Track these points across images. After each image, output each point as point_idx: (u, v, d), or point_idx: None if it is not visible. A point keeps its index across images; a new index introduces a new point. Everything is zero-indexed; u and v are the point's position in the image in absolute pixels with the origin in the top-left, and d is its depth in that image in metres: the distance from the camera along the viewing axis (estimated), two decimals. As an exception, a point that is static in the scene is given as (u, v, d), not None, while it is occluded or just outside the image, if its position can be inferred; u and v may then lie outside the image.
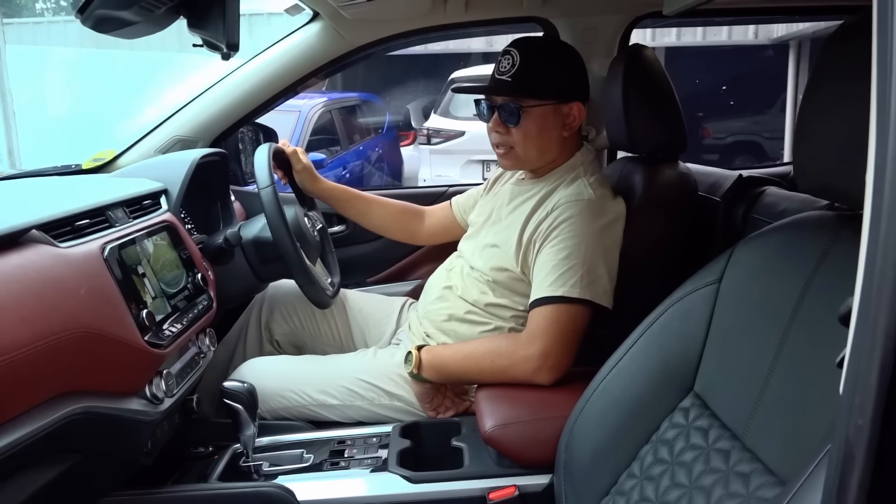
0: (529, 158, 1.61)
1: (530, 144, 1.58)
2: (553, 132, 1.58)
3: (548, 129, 1.57)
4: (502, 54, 1.58)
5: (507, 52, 1.56)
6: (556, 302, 1.43)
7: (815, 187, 0.96)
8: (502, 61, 1.57)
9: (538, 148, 1.59)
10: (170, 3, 1.18)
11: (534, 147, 1.58)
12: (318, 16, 2.01)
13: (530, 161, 1.62)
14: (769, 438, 0.91)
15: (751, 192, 1.63)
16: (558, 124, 1.58)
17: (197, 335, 1.47)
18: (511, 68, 1.54)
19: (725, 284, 1.08)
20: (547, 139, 1.58)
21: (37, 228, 1.07)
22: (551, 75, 1.56)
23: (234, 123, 2.11)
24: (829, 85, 0.91)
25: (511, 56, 1.55)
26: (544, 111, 1.56)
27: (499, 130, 1.59)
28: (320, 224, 1.94)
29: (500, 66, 1.57)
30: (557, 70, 1.58)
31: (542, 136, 1.57)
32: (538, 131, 1.57)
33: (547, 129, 1.57)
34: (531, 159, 1.61)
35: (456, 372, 1.51)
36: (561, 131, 1.59)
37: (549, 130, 1.58)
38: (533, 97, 1.55)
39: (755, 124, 10.16)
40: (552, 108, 1.56)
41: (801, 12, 2.52)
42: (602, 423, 1.18)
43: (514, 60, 1.54)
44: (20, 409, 0.90)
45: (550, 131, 1.58)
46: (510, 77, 1.54)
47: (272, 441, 1.51)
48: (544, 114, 1.56)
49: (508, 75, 1.54)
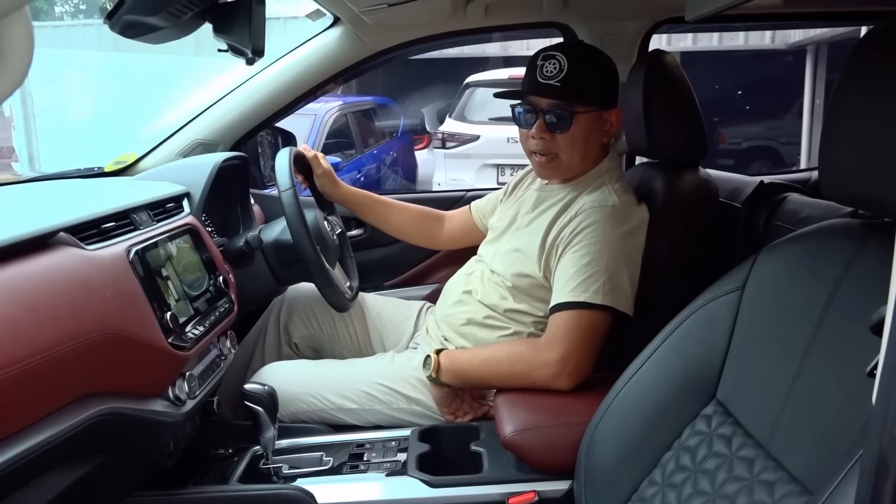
0: (572, 166, 1.58)
1: (576, 151, 1.55)
2: (596, 139, 1.57)
3: (592, 136, 1.56)
4: (544, 59, 1.52)
5: (551, 56, 1.51)
6: (578, 307, 1.43)
7: (840, 194, 0.95)
8: (545, 65, 1.51)
9: (582, 155, 1.57)
10: (196, 9, 1.19)
11: (578, 154, 1.56)
12: (338, 21, 2.03)
13: (572, 169, 1.59)
14: (795, 447, 0.90)
15: (772, 199, 1.63)
16: (600, 131, 1.57)
17: (218, 337, 1.48)
18: (559, 73, 1.49)
19: (749, 291, 1.08)
20: (590, 146, 1.57)
21: (65, 231, 1.08)
22: (596, 81, 1.55)
23: (254, 127, 2.12)
24: (856, 92, 0.90)
25: (557, 60, 1.50)
26: (590, 117, 1.54)
27: (543, 137, 1.55)
28: (339, 228, 1.95)
29: (542, 70, 1.52)
30: (600, 76, 1.57)
31: (588, 143, 1.56)
32: (585, 138, 1.55)
33: (592, 135, 1.56)
34: (573, 167, 1.59)
35: (474, 376, 1.51)
36: (601, 138, 1.58)
37: (593, 137, 1.56)
38: (583, 102, 1.53)
39: (771, 129, 10.10)
40: (596, 114, 1.55)
41: (825, 18, 2.50)
42: (623, 430, 1.18)
43: (560, 65, 1.50)
44: (49, 410, 0.91)
45: (594, 138, 1.57)
46: (559, 82, 1.49)
47: (292, 443, 1.52)
48: (590, 120, 1.54)
49: (557, 80, 1.50)
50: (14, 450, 0.84)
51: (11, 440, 0.85)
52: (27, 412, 0.88)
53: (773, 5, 2.00)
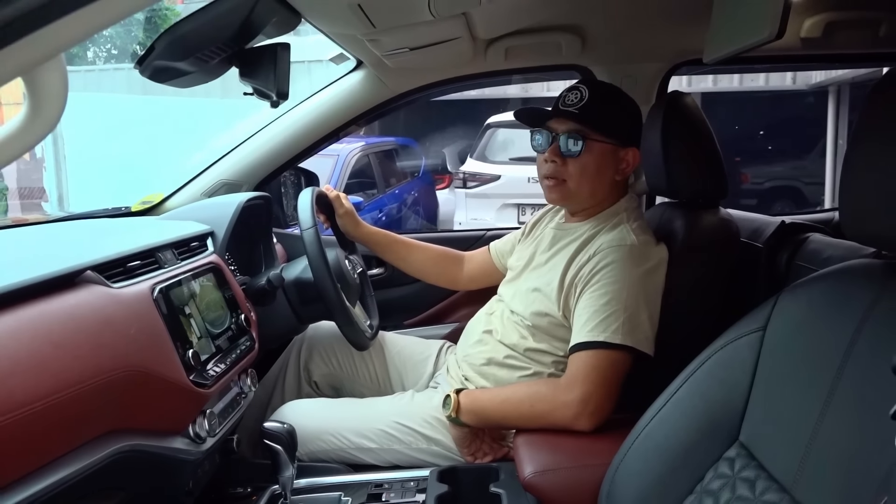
0: (580, 195, 1.60)
1: (585, 181, 1.57)
2: (608, 173, 1.58)
3: (604, 169, 1.58)
4: (568, 90, 1.58)
5: (576, 87, 1.57)
6: (597, 347, 1.42)
7: (862, 235, 0.95)
8: (568, 95, 1.57)
9: (591, 186, 1.58)
10: (224, 54, 1.23)
11: (587, 184, 1.58)
12: (361, 64, 2.07)
13: (579, 199, 1.61)
14: (820, 490, 0.88)
15: (794, 239, 1.62)
16: (613, 166, 1.59)
17: (239, 375, 1.49)
18: (579, 101, 1.54)
19: (770, 332, 1.07)
20: (601, 179, 1.58)
21: (92, 269, 1.11)
22: (616, 117, 1.58)
23: (277, 168, 2.16)
24: (876, 133, 0.90)
25: (580, 91, 1.55)
26: (604, 149, 1.56)
27: (554, 160, 1.58)
28: (360, 267, 1.97)
29: (565, 99, 1.57)
30: (620, 113, 1.60)
31: (598, 174, 1.57)
32: (596, 168, 1.57)
33: (604, 168, 1.57)
34: (581, 197, 1.61)
35: (494, 416, 1.50)
36: (614, 174, 1.59)
37: (605, 170, 1.58)
38: (599, 131, 1.55)
39: (794, 170, 10.06)
40: (612, 148, 1.57)
41: (843, 60, 2.52)
42: (644, 472, 1.16)
43: (582, 95, 1.54)
44: (71, 446, 0.92)
45: (606, 171, 1.58)
46: (577, 109, 1.54)
47: (310, 483, 1.51)
48: (604, 152, 1.56)
49: (576, 107, 1.54)
50: (38, 485, 0.85)
51: (35, 475, 0.86)
52: (51, 447, 0.89)
53: (791, 48, 2.02)
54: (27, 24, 0.58)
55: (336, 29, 1.68)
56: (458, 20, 1.62)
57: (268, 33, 1.35)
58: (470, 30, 1.74)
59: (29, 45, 0.59)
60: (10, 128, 0.67)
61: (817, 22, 1.91)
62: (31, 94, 0.66)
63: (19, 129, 0.66)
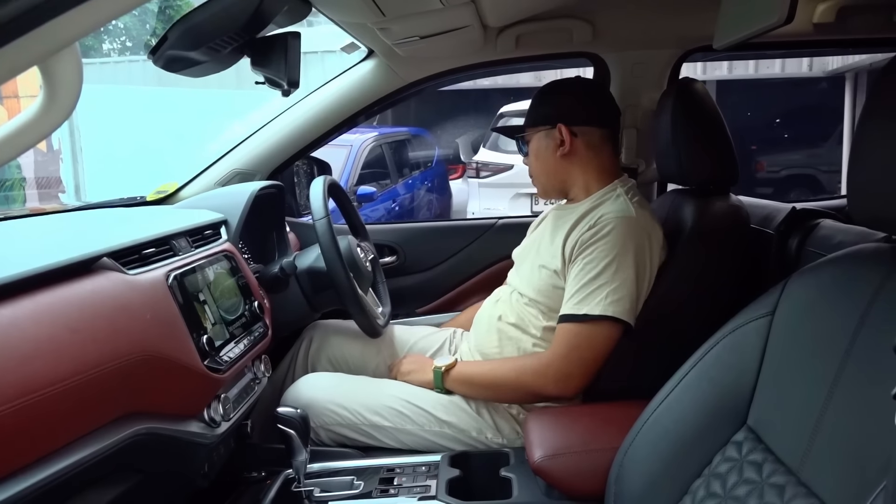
0: (547, 183, 1.74)
1: (539, 169, 1.73)
2: (548, 154, 1.69)
3: (543, 152, 1.70)
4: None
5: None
6: (580, 321, 1.47)
7: (871, 219, 0.95)
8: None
9: (544, 171, 1.72)
10: (235, 44, 1.25)
11: (542, 171, 1.73)
12: (372, 53, 2.08)
13: (547, 187, 1.74)
14: (825, 473, 0.89)
15: (805, 225, 1.61)
16: (552, 147, 1.68)
17: (253, 361, 1.51)
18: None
19: (779, 317, 1.07)
20: (546, 162, 1.70)
21: (108, 256, 1.13)
22: (546, 106, 1.71)
23: (290, 157, 2.18)
24: (884, 116, 0.90)
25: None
26: (538, 137, 1.70)
27: (526, 163, 1.77)
28: (372, 255, 1.98)
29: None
30: (555, 101, 1.71)
31: (542, 160, 1.71)
32: (538, 156, 1.72)
33: (543, 151, 1.70)
34: (547, 185, 1.74)
35: (480, 381, 1.60)
36: (555, 153, 1.67)
37: (545, 153, 1.70)
38: (531, 126, 1.71)
39: (811, 157, 9.97)
40: (542, 133, 1.69)
41: (856, 45, 2.49)
42: (653, 456, 1.17)
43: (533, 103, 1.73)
44: (90, 428, 0.94)
45: (546, 154, 1.70)
46: (525, 117, 1.74)
47: (323, 467, 1.53)
48: (538, 139, 1.70)
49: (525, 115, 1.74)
50: (57, 465, 0.87)
51: (55, 456, 0.88)
52: (70, 428, 0.92)
53: (804, 33, 2.00)
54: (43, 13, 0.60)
55: (346, 17, 1.68)
56: (467, 8, 1.62)
57: (279, 23, 1.36)
58: (480, 17, 1.74)
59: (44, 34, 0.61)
60: (27, 116, 0.68)
61: (830, 7, 1.90)
62: (47, 83, 0.67)
63: (36, 117, 0.68)
